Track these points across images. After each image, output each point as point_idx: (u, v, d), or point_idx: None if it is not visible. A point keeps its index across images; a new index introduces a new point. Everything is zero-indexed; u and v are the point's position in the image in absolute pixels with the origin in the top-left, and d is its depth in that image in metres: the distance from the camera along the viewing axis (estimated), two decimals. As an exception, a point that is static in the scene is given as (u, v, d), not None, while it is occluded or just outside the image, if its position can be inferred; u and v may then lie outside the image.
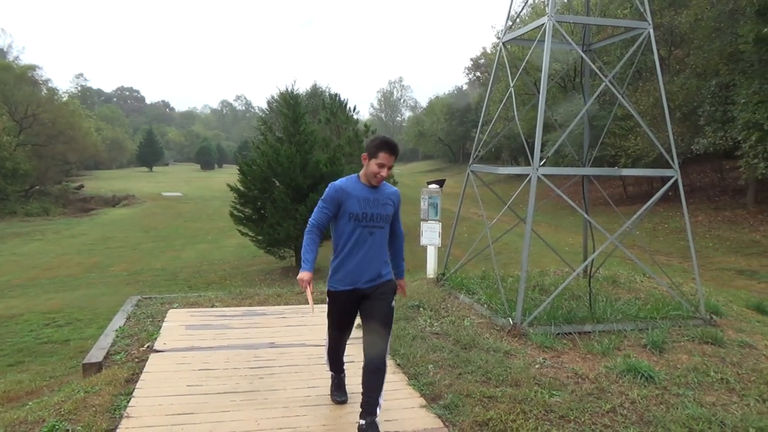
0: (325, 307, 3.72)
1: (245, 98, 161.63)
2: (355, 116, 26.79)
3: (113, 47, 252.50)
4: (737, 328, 5.76)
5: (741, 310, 6.78)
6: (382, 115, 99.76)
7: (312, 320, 5.86)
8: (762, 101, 18.01)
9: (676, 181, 5.83)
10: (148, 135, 79.56)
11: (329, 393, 4.02)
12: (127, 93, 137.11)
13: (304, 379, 4.35)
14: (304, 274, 3.31)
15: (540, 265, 9.11)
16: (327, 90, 39.48)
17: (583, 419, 3.66)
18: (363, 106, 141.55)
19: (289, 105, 18.25)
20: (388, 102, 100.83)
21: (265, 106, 51.34)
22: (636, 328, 5.40)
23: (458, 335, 5.19)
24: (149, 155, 78.13)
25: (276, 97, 36.75)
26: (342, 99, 26.02)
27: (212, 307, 6.55)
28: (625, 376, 4.35)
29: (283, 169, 16.53)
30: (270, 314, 6.18)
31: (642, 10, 5.84)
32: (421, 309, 6.06)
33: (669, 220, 21.54)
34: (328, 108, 25.56)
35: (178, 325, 5.75)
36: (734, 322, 5.95)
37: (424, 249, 7.82)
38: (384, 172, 3.31)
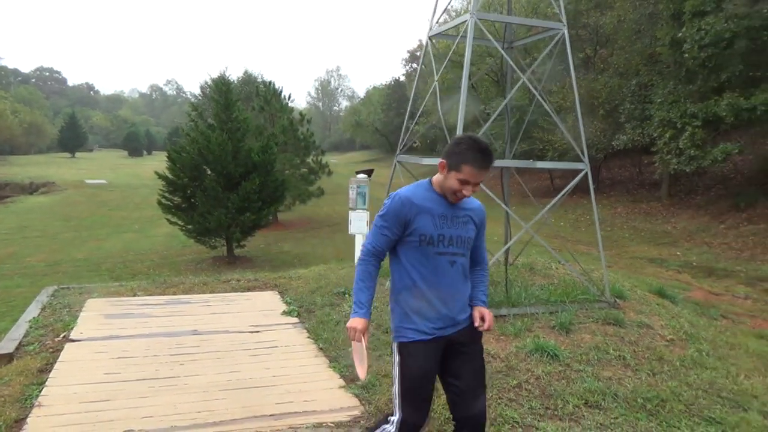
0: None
1: (176, 83, 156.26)
2: (290, 104, 26.45)
3: (31, 24, 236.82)
4: (638, 310, 6.24)
5: (644, 294, 7.32)
6: (320, 104, 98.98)
7: (236, 307, 5.88)
8: (675, 101, 19.29)
9: (587, 174, 6.21)
10: (71, 119, 75.15)
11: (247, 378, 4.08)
12: (47, 74, 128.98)
13: (226, 364, 4.39)
14: (357, 322, 2.44)
15: (466, 253, 9.46)
16: (260, 77, 38.84)
17: (491, 395, 3.90)
18: (300, 94, 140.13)
19: (220, 91, 17.84)
20: (326, 91, 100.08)
21: (197, 91, 49.87)
22: (547, 311, 5.76)
23: (380, 320, 5.35)
24: (71, 140, 73.84)
25: (209, 82, 35.80)
26: (277, 87, 25.63)
27: (134, 296, 6.42)
28: (533, 354, 4.65)
29: (215, 157, 16.19)
30: (194, 302, 6.13)
31: (558, 11, 6.17)
32: (346, 296, 6.19)
33: (591, 212, 22.71)
34: (262, 95, 25.13)
35: (96, 314, 5.62)
36: (636, 305, 6.43)
37: (353, 238, 7.96)
38: (467, 192, 2.44)
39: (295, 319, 5.58)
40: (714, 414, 3.93)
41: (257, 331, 5.19)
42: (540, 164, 6.37)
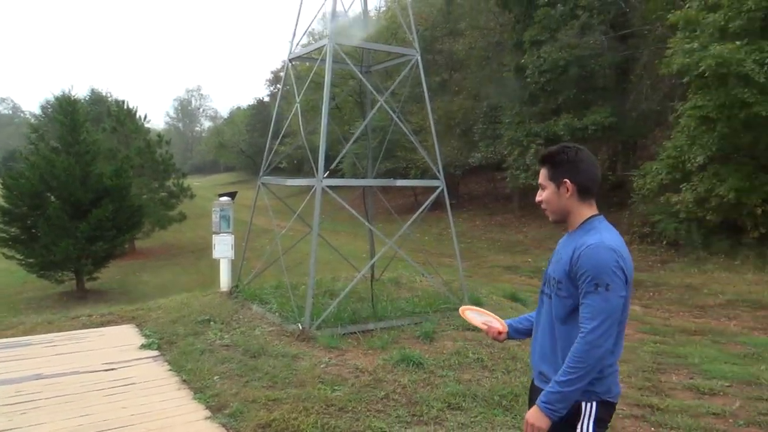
0: None
1: (12, 101, 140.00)
2: (146, 125, 25.05)
3: None
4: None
5: (499, 299, 7.92)
6: (180, 124, 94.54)
7: (87, 345, 5.42)
8: (521, 121, 21.17)
9: (443, 190, 6.61)
10: None
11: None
12: None
13: (74, 408, 4.02)
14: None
15: (337, 271, 9.55)
16: (109, 96, 36.38)
17: (359, 408, 3.99)
18: (157, 114, 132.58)
19: (65, 111, 16.44)
20: (186, 111, 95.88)
21: (37, 111, 45.43)
22: (412, 322, 6.01)
23: (248, 345, 5.24)
24: None
25: (52, 101, 32.75)
26: (130, 106, 24.16)
27: (-40, 342, 5.65)
28: (399, 365, 4.83)
29: (60, 183, 14.83)
30: (36, 343, 5.54)
31: (411, 39, 6.56)
32: (211, 323, 5.98)
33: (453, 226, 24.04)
34: (113, 116, 23.52)
35: None
36: (491, 310, 6.91)
37: (218, 262, 7.70)
38: (538, 196, 2.25)
39: (156, 352, 5.27)
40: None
41: (112, 369, 4.82)
42: (399, 182, 6.69)
